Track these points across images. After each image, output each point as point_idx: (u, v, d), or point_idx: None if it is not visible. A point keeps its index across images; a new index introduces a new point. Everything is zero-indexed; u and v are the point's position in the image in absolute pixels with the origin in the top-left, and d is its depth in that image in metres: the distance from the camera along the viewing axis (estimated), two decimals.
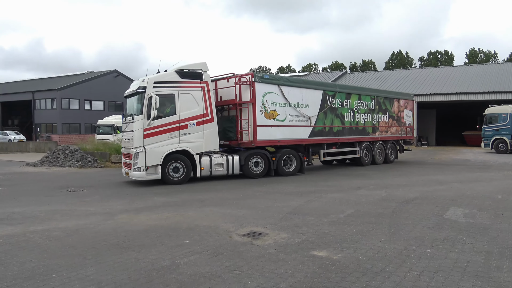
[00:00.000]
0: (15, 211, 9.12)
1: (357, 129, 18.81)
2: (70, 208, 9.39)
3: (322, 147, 17.25)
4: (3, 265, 5.33)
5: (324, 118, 17.02)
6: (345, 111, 18.07)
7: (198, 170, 13.84)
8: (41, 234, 6.95)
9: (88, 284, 4.64)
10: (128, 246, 6.14)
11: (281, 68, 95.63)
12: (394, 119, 21.14)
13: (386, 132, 20.60)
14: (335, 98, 17.55)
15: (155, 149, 13.06)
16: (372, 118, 19.62)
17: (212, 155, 14.24)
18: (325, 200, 10.01)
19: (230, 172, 14.53)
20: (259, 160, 15.12)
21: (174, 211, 8.83)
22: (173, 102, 13.39)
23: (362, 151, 18.99)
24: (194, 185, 13.26)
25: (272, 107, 15.04)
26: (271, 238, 6.53)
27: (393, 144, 21.25)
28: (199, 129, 13.79)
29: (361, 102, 19.02)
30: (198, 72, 14.01)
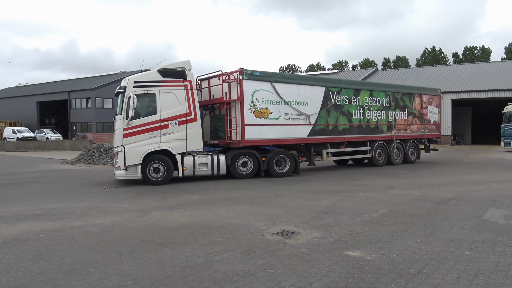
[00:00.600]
0: (54, 207, 9.45)
1: (368, 128, 17.74)
2: (106, 205, 9.64)
3: (325, 146, 16.45)
4: (44, 259, 5.52)
5: (327, 116, 16.20)
6: (353, 108, 17.09)
7: (179, 170, 13.54)
8: (79, 229, 7.16)
9: (125, 279, 4.75)
10: (162, 243, 6.24)
11: (311, 66, 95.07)
12: (415, 116, 19.77)
13: (405, 131, 19.34)
14: (341, 94, 16.61)
15: (134, 149, 12.96)
16: (387, 115, 18.45)
17: (195, 155, 13.87)
18: (357, 200, 9.88)
19: (216, 172, 14.05)
20: (248, 160, 14.50)
21: (206, 209, 8.92)
22: (154, 102, 13.26)
23: (374, 150, 17.97)
24: (225, 184, 13.35)
25: (264, 105, 14.44)
26: (303, 237, 6.50)
27: (414, 143, 19.92)
28: (181, 128, 13.52)
29: (373, 98, 17.87)
30: (181, 71, 13.76)
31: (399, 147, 18.99)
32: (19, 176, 16.50)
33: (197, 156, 13.84)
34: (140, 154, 13.00)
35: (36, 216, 8.35)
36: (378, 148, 18.19)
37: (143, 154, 13.03)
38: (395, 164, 18.58)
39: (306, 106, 15.51)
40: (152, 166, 13.23)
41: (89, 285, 4.59)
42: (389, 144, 18.57)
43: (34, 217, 8.30)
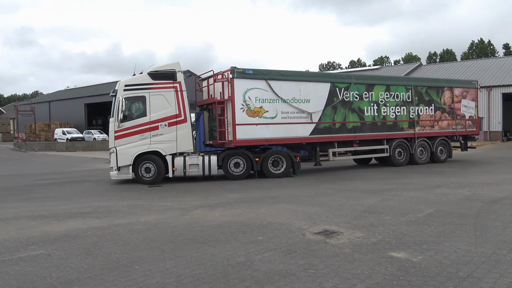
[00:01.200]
0: (101, 205, 9.79)
1: (385, 125, 16.67)
2: (150, 203, 9.88)
3: (332, 145, 15.73)
4: (91, 255, 5.72)
5: (333, 114, 15.45)
6: (365, 105, 16.15)
7: (170, 171, 13.65)
8: (124, 227, 7.37)
9: (167, 276, 4.83)
10: (204, 241, 6.31)
11: (352, 62, 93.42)
12: (444, 111, 18.19)
13: (432, 127, 17.90)
14: (350, 90, 15.77)
15: (125, 150, 13.34)
16: (409, 111, 17.18)
17: (186, 156, 13.86)
18: (401, 199, 9.58)
19: (207, 173, 13.91)
20: (240, 161, 14.17)
21: (247, 208, 8.94)
22: (144, 104, 13.51)
23: (393, 149, 16.84)
24: (265, 182, 13.35)
25: (258, 103, 14.03)
26: (345, 237, 6.37)
27: (444, 141, 18.33)
28: (171, 130, 13.65)
29: (390, 93, 16.77)
30: (171, 73, 13.86)
31: (424, 145, 17.69)
32: (69, 175, 17.24)
33: (188, 156, 13.86)
34: (131, 156, 13.40)
35: (84, 214, 8.68)
36: (397, 147, 17.06)
37: (134, 156, 13.42)
38: (419, 164, 17.38)
39: (308, 103, 14.95)
40: (143, 166, 13.61)
41: (134, 282, 4.70)
42: (412, 142, 17.34)
43: (82, 214, 8.63)
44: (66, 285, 4.64)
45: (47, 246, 6.22)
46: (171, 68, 13.92)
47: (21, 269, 5.20)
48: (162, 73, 13.84)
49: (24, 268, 5.25)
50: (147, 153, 13.56)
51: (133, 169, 13.57)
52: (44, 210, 9.21)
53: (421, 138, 17.55)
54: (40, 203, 10.25)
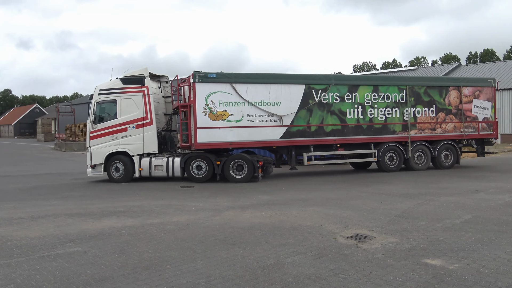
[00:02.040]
0: (135, 204, 10.01)
1: (372, 128, 15.65)
2: (182, 203, 10.03)
3: (308, 149, 15.09)
4: (125, 254, 5.86)
5: (309, 116, 14.91)
6: (347, 107, 15.35)
7: (136, 171, 14.38)
8: (157, 227, 7.51)
9: (198, 277, 4.87)
10: (234, 243, 6.33)
11: (386, 63, 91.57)
12: (449, 112, 16.65)
13: (433, 130, 16.46)
14: (328, 92, 15.11)
15: (98, 150, 14.46)
16: (402, 113, 16.00)
17: (152, 157, 14.44)
18: (437, 204, 9.28)
19: (171, 174, 14.26)
20: (202, 164, 14.24)
21: (278, 210, 8.92)
22: (115, 107, 14.46)
23: (383, 154, 15.78)
24: (297, 184, 13.28)
25: (222, 107, 14.01)
26: (378, 242, 6.23)
27: (450, 145, 16.72)
28: (139, 131, 14.45)
29: (379, 94, 15.75)
30: (140, 78, 14.59)
31: (423, 149, 16.36)
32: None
33: (154, 158, 14.45)
34: (102, 155, 14.46)
35: (119, 213, 8.90)
36: (388, 151, 15.97)
37: (105, 155, 14.46)
38: (416, 170, 16.10)
39: (279, 106, 14.58)
40: (114, 166, 14.60)
41: (165, 281, 4.77)
42: (406, 146, 16.10)
43: (117, 213, 8.86)
44: (100, 282, 4.77)
45: (83, 244, 6.41)
46: (140, 74, 14.71)
47: (58, 265, 5.38)
48: (132, 78, 14.72)
49: (61, 264, 5.43)
50: (117, 153, 14.52)
51: (105, 168, 14.62)
52: (81, 209, 9.51)
53: (418, 142, 16.27)
54: (78, 202, 10.60)
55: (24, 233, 7.12)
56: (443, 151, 16.73)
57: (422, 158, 16.45)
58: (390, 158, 16.09)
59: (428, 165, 16.49)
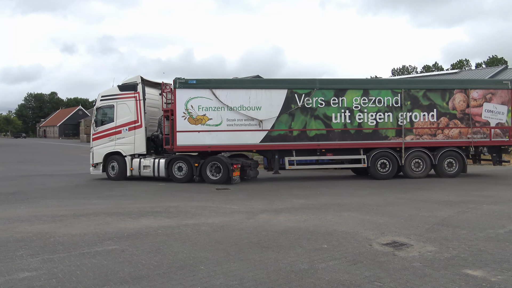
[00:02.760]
0: (172, 205, 10.21)
1: (361, 133, 15.32)
2: (217, 205, 10.13)
3: (289, 153, 15.12)
4: (160, 253, 5.97)
5: (291, 121, 15.00)
6: (333, 111, 15.15)
7: (128, 170, 15.64)
8: (192, 228, 7.61)
9: (231, 279, 4.90)
10: (268, 246, 6.32)
11: (426, 67, 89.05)
12: (454, 117, 15.68)
13: (433, 136, 15.62)
14: (312, 96, 15.08)
15: (98, 150, 16.09)
16: (396, 117, 15.41)
17: (142, 158, 15.64)
18: (480, 212, 8.91)
19: (156, 174, 15.27)
20: (183, 165, 15.10)
21: (312, 214, 8.84)
22: (113, 112, 15.93)
23: (374, 160, 15.33)
24: (332, 189, 13.12)
25: (201, 112, 14.70)
26: (415, 250, 6.05)
27: (454, 152, 15.68)
28: (131, 134, 15.75)
29: (370, 98, 15.32)
30: (133, 84, 15.84)
31: (421, 156, 15.57)
32: None
33: (143, 159, 15.61)
34: (101, 155, 16.01)
35: (155, 213, 9.10)
36: (380, 157, 15.44)
37: (103, 155, 15.97)
38: (412, 178, 15.38)
39: (259, 111, 14.89)
40: (110, 165, 16.03)
41: (199, 281, 4.83)
42: (400, 152, 15.43)
43: (154, 213, 9.06)
44: (137, 280, 4.88)
45: (121, 242, 6.60)
46: (134, 81, 15.96)
47: (97, 262, 5.55)
48: (127, 85, 16.01)
49: (100, 261, 5.60)
50: (113, 153, 15.93)
51: (104, 167, 16.09)
52: (120, 208, 9.79)
53: (415, 148, 15.52)
54: (117, 201, 10.93)
55: (66, 230, 7.41)
56: (446, 159, 15.73)
57: (420, 165, 15.67)
58: (382, 165, 15.56)
59: (427, 173, 15.69)
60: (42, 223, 8.02)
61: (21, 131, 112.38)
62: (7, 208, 9.84)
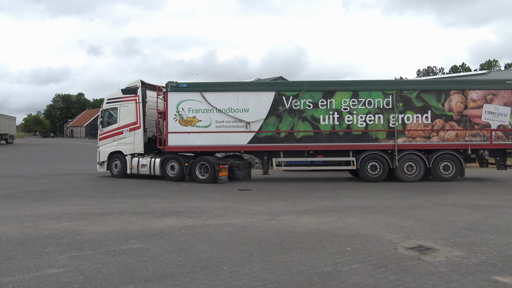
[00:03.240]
0: (194, 205, 10.29)
1: (350, 135, 15.21)
2: (239, 206, 10.15)
3: (277, 155, 15.33)
4: (184, 253, 6.02)
5: (278, 123, 15.25)
6: (321, 113, 15.21)
7: (128, 168, 16.48)
8: (215, 228, 7.65)
9: (254, 280, 4.90)
10: (291, 247, 6.30)
11: (453, 68, 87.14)
12: (450, 119, 15.18)
13: (427, 138, 15.21)
14: (300, 98, 15.20)
15: (103, 149, 17.16)
16: (387, 119, 15.17)
17: (140, 157, 16.44)
18: (509, 217, 8.64)
19: (152, 172, 16.03)
20: (175, 165, 15.81)
21: (336, 216, 8.75)
22: (116, 114, 16.92)
23: (363, 162, 15.18)
24: (356, 192, 12.97)
25: (191, 114, 15.32)
26: (442, 255, 5.91)
27: (451, 155, 15.18)
28: (131, 134, 16.61)
29: (359, 100, 15.20)
30: (134, 88, 16.71)
31: (414, 159, 15.23)
32: None
33: (141, 158, 16.43)
34: (106, 154, 17.06)
35: (179, 213, 9.19)
36: (370, 160, 15.25)
37: (107, 154, 17.01)
38: (405, 181, 15.08)
39: (247, 113, 15.25)
40: (114, 163, 17.02)
41: (222, 282, 4.85)
42: (392, 155, 15.19)
43: (177, 213, 9.15)
44: (160, 279, 4.94)
45: (146, 241, 6.69)
46: (134, 85, 16.85)
47: (122, 260, 5.64)
48: (129, 88, 16.91)
49: (125, 259, 5.69)
50: (116, 152, 16.90)
51: (108, 165, 17.10)
52: (145, 207, 9.93)
53: (408, 151, 15.19)
54: (141, 200, 11.09)
55: (92, 228, 7.56)
56: (442, 162, 15.27)
57: (413, 168, 15.30)
58: (372, 167, 15.34)
59: (420, 176, 15.26)
60: (69, 221, 8.21)
61: (49, 131, 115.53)
62: (36, 206, 10.12)
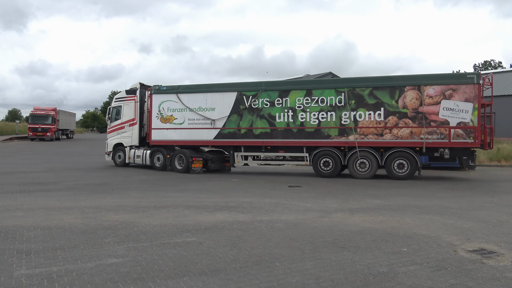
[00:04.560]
0: (245, 200, 10.37)
1: (303, 131, 15.77)
2: (290, 203, 10.11)
3: (238, 149, 16.85)
4: (236, 248, 6.08)
5: (239, 120, 16.57)
6: (276, 111, 16.05)
7: (126, 158, 19.31)
8: (266, 224, 7.67)
9: (307, 277, 4.85)
10: (344, 246, 6.18)
11: None
12: (404, 116, 14.70)
13: (380, 136, 14.94)
14: (258, 97, 16.29)
15: (110, 141, 20.03)
16: (339, 116, 15.33)
17: (136, 149, 19.07)
18: None
19: (144, 162, 18.63)
20: (160, 156, 18.24)
21: (390, 216, 8.50)
22: (121, 111, 19.72)
23: (316, 158, 15.71)
24: (410, 190, 12.54)
25: (169, 112, 17.67)
26: (507, 259, 5.57)
27: (405, 153, 14.79)
28: (130, 129, 19.36)
29: (312, 98, 15.62)
30: (134, 89, 19.42)
31: (366, 156, 15.16)
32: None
33: (137, 150, 19.07)
34: (111, 145, 19.91)
35: (230, 208, 9.30)
36: (323, 156, 15.68)
37: (112, 145, 19.85)
38: (357, 178, 15.03)
39: (213, 111, 16.91)
40: (117, 154, 19.78)
41: (275, 278, 4.84)
42: (345, 151, 15.48)
43: (228, 208, 9.26)
44: (214, 272, 5.01)
45: (199, 235, 6.82)
46: (135, 86, 19.54)
47: (177, 253, 5.79)
48: (131, 90, 19.62)
49: (179, 252, 5.83)
50: (119, 144, 19.65)
51: (112, 155, 19.85)
52: (197, 202, 10.14)
53: (360, 148, 15.13)
54: (193, 195, 11.33)
55: (148, 221, 7.82)
56: (396, 160, 14.94)
57: (366, 165, 15.26)
58: (325, 163, 15.76)
59: (373, 173, 15.16)
60: (126, 213, 8.54)
61: (106, 127, 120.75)
62: (95, 198, 10.61)
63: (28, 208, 8.94)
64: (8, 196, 10.59)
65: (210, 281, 4.74)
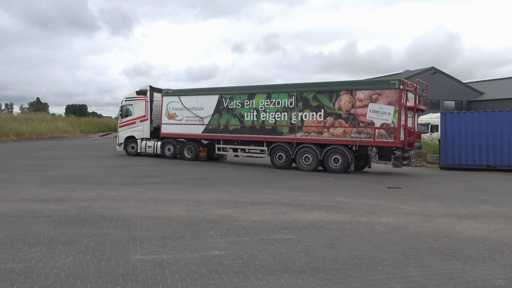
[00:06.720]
0: (342, 200, 10.18)
1: (263, 129, 18.59)
2: (389, 205, 9.71)
3: (218, 142, 20.22)
4: (335, 248, 6.00)
5: (219, 118, 19.82)
6: (245, 111, 19.01)
7: (138, 148, 22.94)
8: (365, 225, 7.45)
9: (412, 285, 4.62)
10: (452, 254, 5.77)
11: None
12: (339, 117, 16.62)
13: (320, 134, 17.09)
14: (233, 100, 19.34)
15: (122, 134, 23.72)
16: (290, 116, 17.79)
17: (147, 141, 22.65)
18: None
19: (155, 152, 22.19)
20: (171, 147, 21.87)
21: (505, 224, 7.74)
22: (132, 109, 23.39)
23: (273, 152, 18.38)
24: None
25: (173, 111, 21.49)
26: None
27: (341, 150, 16.53)
28: (141, 124, 22.97)
29: (271, 100, 18.34)
30: (145, 91, 23.03)
31: (309, 151, 17.33)
32: None
33: (148, 141, 22.69)
34: (123, 137, 23.60)
35: (327, 207, 9.20)
36: (278, 150, 18.30)
37: (124, 137, 23.56)
38: (303, 170, 17.29)
39: (202, 110, 20.42)
40: (129, 145, 23.52)
41: (377, 282, 4.69)
42: (293, 147, 17.72)
43: (325, 207, 9.17)
44: (314, 271, 5.00)
45: (296, 232, 6.86)
46: (145, 88, 23.07)
47: (276, 249, 5.88)
48: (141, 91, 23.19)
49: (278, 248, 5.93)
50: (130, 137, 23.35)
51: (125, 146, 23.52)
52: (293, 199, 10.20)
53: (304, 144, 17.40)
54: (289, 192, 11.42)
55: (247, 216, 8.06)
56: (332, 155, 16.83)
57: (309, 159, 17.37)
58: (279, 157, 18.29)
59: (314, 166, 17.19)
60: (226, 208, 8.90)
61: None
62: (197, 192, 11.22)
63: (140, 199, 9.75)
64: (123, 187, 11.66)
65: (310, 280, 4.74)
